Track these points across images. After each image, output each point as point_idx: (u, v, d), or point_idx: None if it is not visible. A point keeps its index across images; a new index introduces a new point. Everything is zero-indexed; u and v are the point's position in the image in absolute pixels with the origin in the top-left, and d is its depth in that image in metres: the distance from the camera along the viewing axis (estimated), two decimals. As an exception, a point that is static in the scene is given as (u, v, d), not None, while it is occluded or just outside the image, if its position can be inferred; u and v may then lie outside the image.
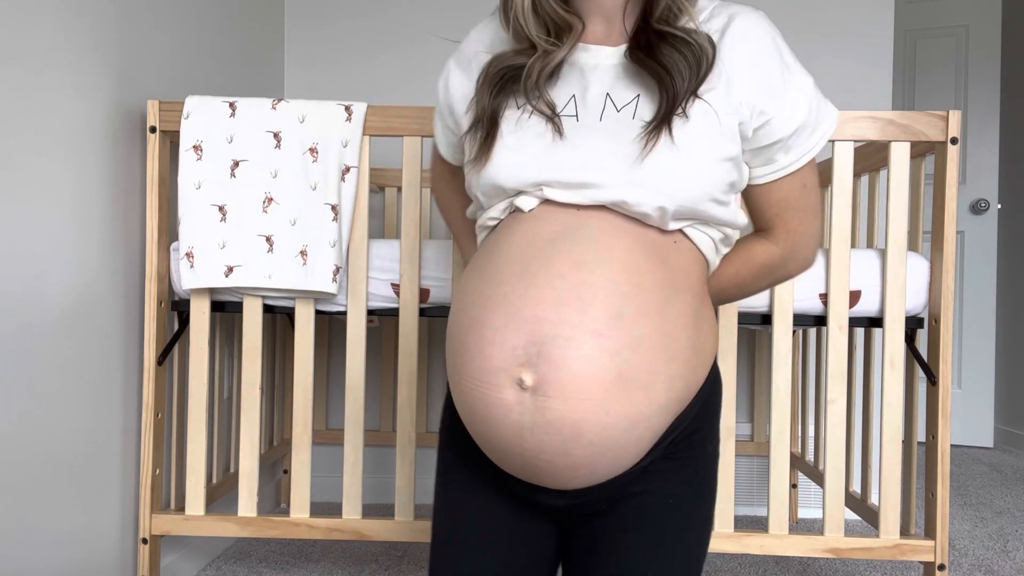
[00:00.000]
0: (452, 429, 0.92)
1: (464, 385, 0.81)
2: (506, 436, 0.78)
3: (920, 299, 1.51)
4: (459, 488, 0.92)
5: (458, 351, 0.82)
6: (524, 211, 0.84)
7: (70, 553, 1.40)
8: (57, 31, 1.34)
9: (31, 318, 1.29)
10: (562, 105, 0.87)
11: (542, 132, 0.85)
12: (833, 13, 2.36)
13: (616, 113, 0.84)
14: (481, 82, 0.90)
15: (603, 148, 0.82)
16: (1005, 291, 3.55)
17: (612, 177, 0.81)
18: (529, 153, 0.85)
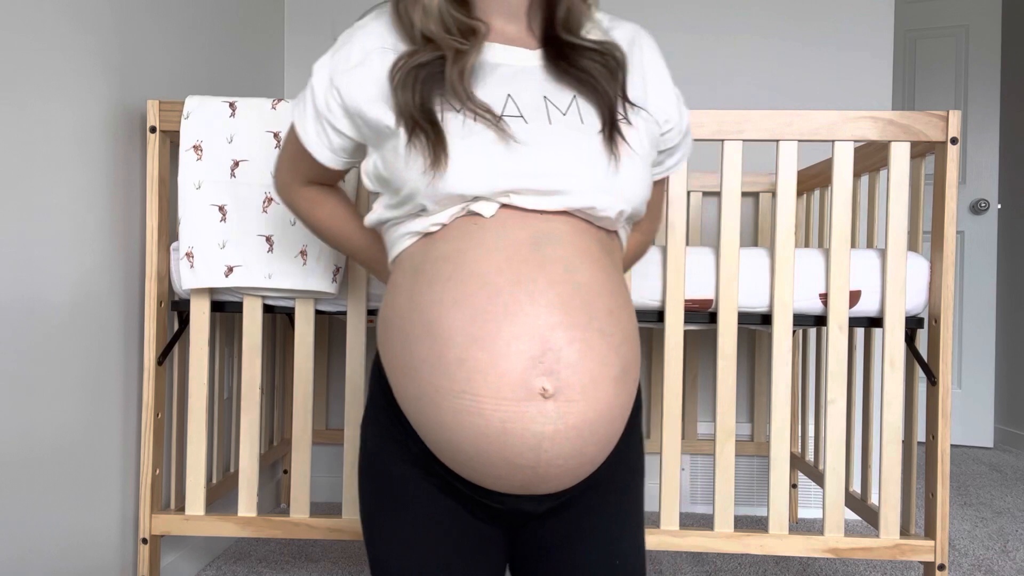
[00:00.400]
0: (403, 444, 0.86)
1: (462, 404, 0.76)
2: (520, 450, 0.76)
3: (920, 299, 1.51)
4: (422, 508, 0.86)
5: (454, 369, 0.76)
6: (484, 216, 0.81)
7: (70, 553, 1.40)
8: (57, 32, 1.34)
9: (31, 318, 1.29)
10: (500, 106, 0.84)
11: (493, 136, 0.82)
12: (833, 13, 2.36)
13: (563, 117, 0.86)
14: (396, 83, 0.85)
15: (569, 154, 0.83)
16: (1005, 291, 3.55)
17: (584, 184, 0.83)
18: (492, 159, 0.81)
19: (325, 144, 0.96)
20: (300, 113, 0.97)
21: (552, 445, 0.76)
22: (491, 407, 0.75)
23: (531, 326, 0.76)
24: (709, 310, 1.53)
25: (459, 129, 0.82)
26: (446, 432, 0.78)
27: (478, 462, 0.78)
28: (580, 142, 0.84)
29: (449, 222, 0.83)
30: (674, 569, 1.92)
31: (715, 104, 2.37)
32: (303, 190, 1.07)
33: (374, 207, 0.93)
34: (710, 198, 2.38)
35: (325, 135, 0.96)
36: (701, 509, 2.43)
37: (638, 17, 2.41)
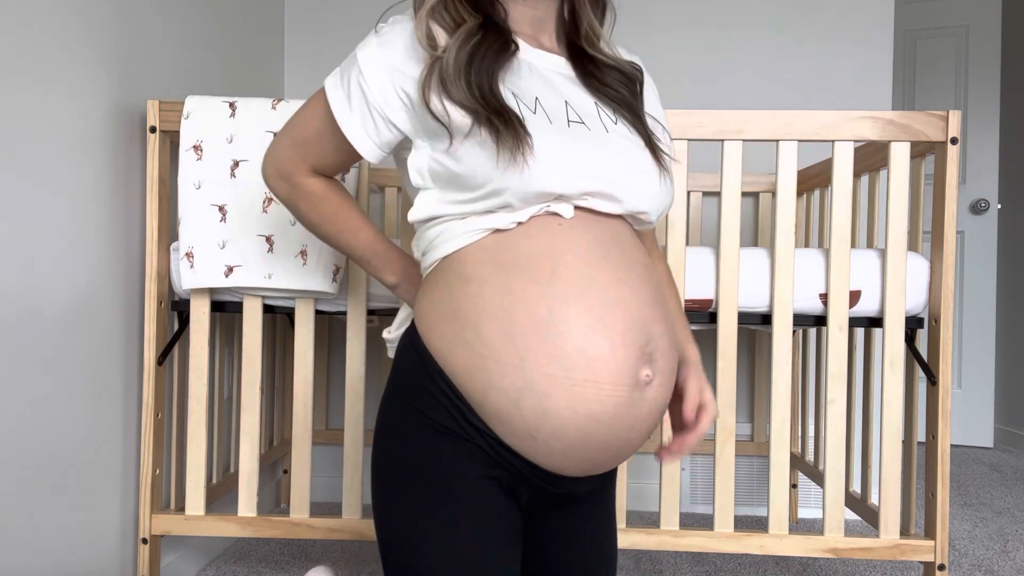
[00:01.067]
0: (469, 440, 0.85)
1: (581, 392, 0.79)
2: (619, 432, 0.83)
3: (920, 299, 1.51)
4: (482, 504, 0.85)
5: (574, 359, 0.79)
6: (564, 216, 0.85)
7: (70, 553, 1.40)
8: (57, 32, 1.34)
9: (31, 318, 1.29)
10: (563, 111, 0.87)
11: (571, 138, 0.85)
12: (833, 13, 2.36)
13: (614, 126, 0.91)
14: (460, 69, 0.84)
15: (631, 162, 0.89)
16: (1005, 291, 3.55)
17: (642, 191, 0.89)
18: (576, 158, 0.84)
19: (372, 137, 0.92)
20: (342, 99, 0.91)
21: (643, 426, 0.85)
22: (608, 393, 0.80)
23: (638, 319, 0.83)
24: (709, 310, 1.53)
25: (544, 126, 0.84)
26: (551, 420, 0.80)
27: (578, 447, 0.82)
28: (635, 152, 0.90)
29: (527, 220, 0.85)
30: (674, 569, 1.92)
31: (715, 104, 2.37)
32: (308, 180, 1.00)
33: (421, 202, 0.90)
34: (710, 198, 2.38)
35: (375, 127, 0.91)
36: (701, 509, 2.43)
37: (639, 17, 2.41)
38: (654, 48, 2.41)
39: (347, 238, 1.03)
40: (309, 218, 1.03)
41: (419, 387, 0.87)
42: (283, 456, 2.32)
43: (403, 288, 1.03)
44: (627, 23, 2.42)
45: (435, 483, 0.85)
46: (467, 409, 0.83)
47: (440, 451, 0.85)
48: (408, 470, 0.86)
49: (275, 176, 1.02)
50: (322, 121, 0.95)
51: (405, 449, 0.87)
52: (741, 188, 1.69)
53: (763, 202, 2.33)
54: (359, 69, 0.90)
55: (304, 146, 0.98)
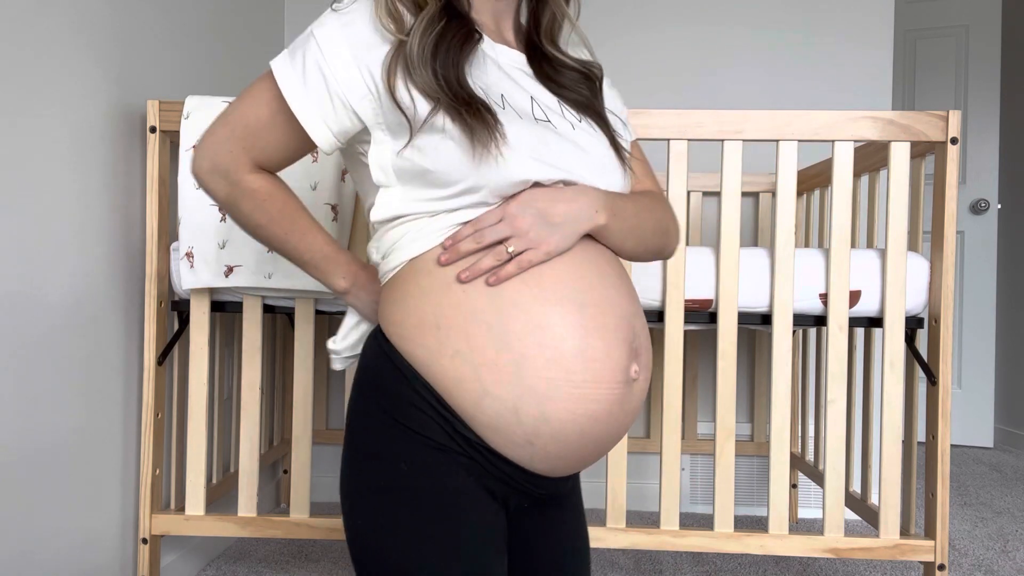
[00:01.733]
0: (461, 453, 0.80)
1: (581, 393, 0.78)
2: (614, 429, 0.82)
3: (920, 299, 1.51)
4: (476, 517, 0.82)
5: (571, 361, 0.77)
6: None
7: (70, 553, 1.40)
8: (57, 32, 1.34)
9: (31, 318, 1.29)
10: (528, 105, 0.84)
11: (540, 129, 0.82)
12: (833, 13, 2.36)
13: (579, 123, 0.88)
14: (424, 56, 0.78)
15: (599, 158, 0.87)
16: (1005, 291, 3.55)
17: (611, 187, 0.88)
18: (548, 148, 0.81)
19: (330, 125, 0.82)
20: (296, 83, 0.82)
21: (629, 421, 0.85)
22: (606, 392, 0.79)
23: (622, 315, 0.82)
24: (709, 310, 1.53)
25: (513, 120, 0.80)
26: (551, 425, 0.78)
27: (576, 447, 0.80)
28: (600, 150, 0.88)
29: None
30: (674, 569, 1.92)
31: (715, 104, 2.37)
32: (251, 176, 0.89)
33: (384, 201, 0.84)
34: (710, 198, 2.38)
35: (334, 115, 0.82)
36: (701, 509, 2.43)
37: (639, 17, 2.41)
38: (653, 48, 2.41)
39: (294, 241, 0.93)
40: (253, 219, 0.91)
41: (403, 402, 0.80)
42: (283, 456, 2.32)
43: (354, 295, 0.95)
44: (627, 23, 2.42)
45: (435, 503, 0.79)
46: (458, 422, 0.79)
47: (437, 469, 0.80)
48: (400, 494, 0.80)
49: (211, 172, 0.89)
50: (269, 108, 0.84)
51: (392, 471, 0.80)
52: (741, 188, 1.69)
53: (763, 202, 2.33)
54: (318, 49, 0.81)
55: (247, 138, 0.86)
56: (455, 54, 0.80)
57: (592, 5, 2.42)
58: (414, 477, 0.80)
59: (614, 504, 1.51)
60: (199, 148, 0.89)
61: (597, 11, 2.42)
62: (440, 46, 0.79)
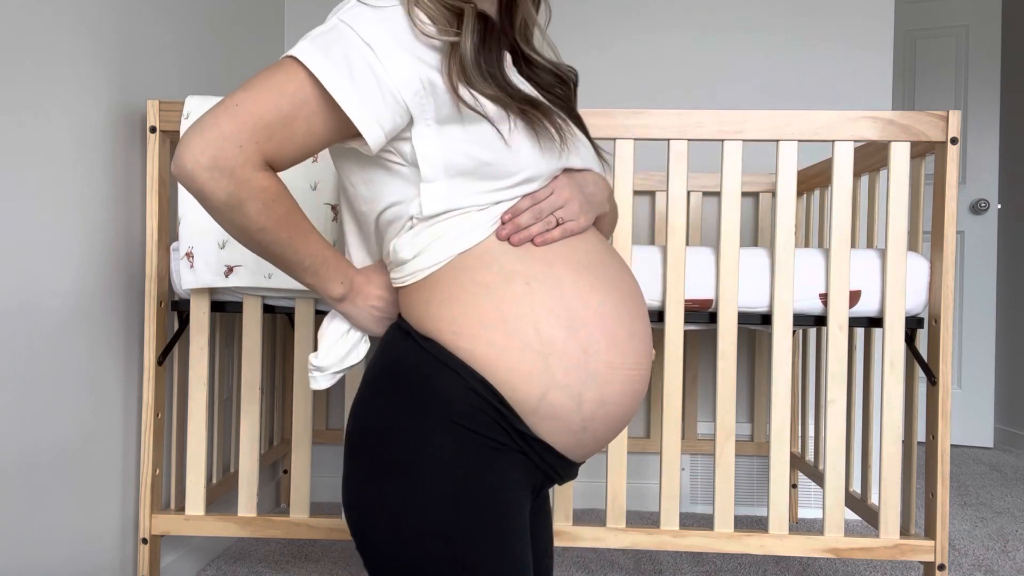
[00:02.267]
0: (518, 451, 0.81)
1: (633, 375, 0.84)
2: (635, 409, 0.88)
3: (920, 299, 1.51)
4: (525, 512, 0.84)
5: (627, 344, 0.84)
6: None
7: (70, 553, 1.40)
8: (57, 32, 1.34)
9: (31, 318, 1.29)
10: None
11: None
12: (833, 13, 2.36)
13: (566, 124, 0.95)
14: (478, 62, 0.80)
15: (590, 152, 0.95)
16: (1005, 291, 3.55)
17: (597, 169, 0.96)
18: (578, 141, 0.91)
19: (383, 125, 0.78)
20: (340, 76, 0.76)
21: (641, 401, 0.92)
22: (644, 372, 0.86)
23: (644, 302, 0.90)
24: (709, 310, 1.53)
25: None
26: (606, 407, 0.83)
27: (616, 429, 0.86)
28: (587, 144, 0.95)
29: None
30: (674, 569, 1.92)
31: (715, 104, 2.37)
32: (259, 174, 0.79)
33: (434, 196, 0.80)
34: (710, 198, 2.38)
35: (386, 111, 0.77)
36: (701, 509, 2.43)
37: (637, 17, 2.41)
38: (653, 48, 2.41)
39: (297, 245, 0.85)
40: (257, 222, 0.81)
41: (460, 403, 0.77)
42: (283, 456, 2.32)
43: (350, 301, 0.90)
44: (627, 24, 2.42)
45: (492, 503, 0.78)
46: (515, 419, 0.79)
47: (496, 467, 0.79)
48: (459, 493, 0.77)
49: (212, 168, 0.76)
50: (299, 102, 0.77)
51: (446, 473, 0.77)
52: (741, 188, 1.69)
53: (763, 202, 2.33)
54: (362, 43, 0.76)
55: (265, 131, 0.77)
56: (497, 52, 0.84)
57: (592, 5, 2.43)
58: (471, 478, 0.77)
59: (614, 504, 1.51)
60: (196, 143, 0.76)
61: (597, 11, 2.42)
62: (486, 44, 0.81)
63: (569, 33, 2.41)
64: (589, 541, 1.50)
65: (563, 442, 0.83)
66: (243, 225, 0.82)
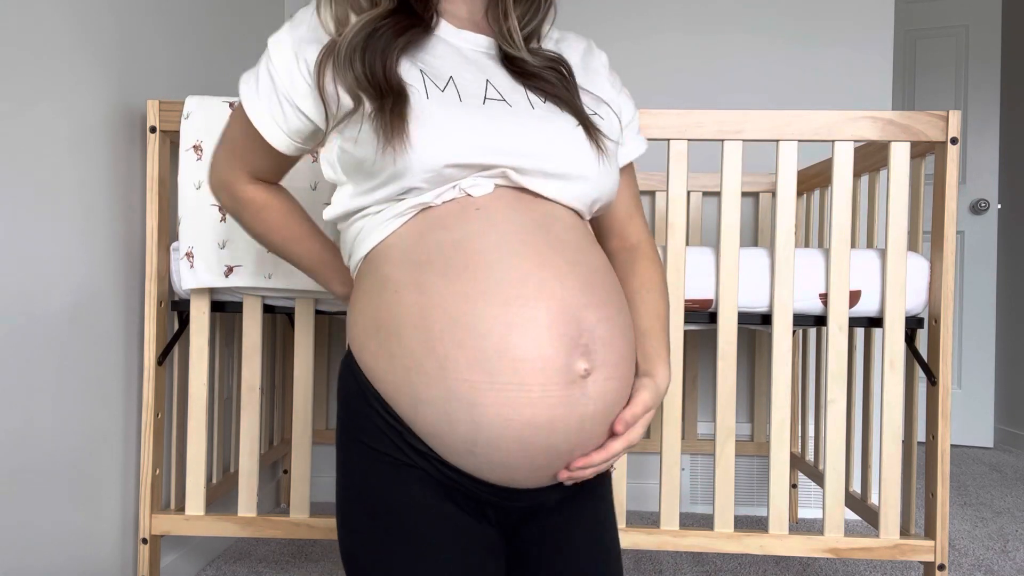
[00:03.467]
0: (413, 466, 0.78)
1: (507, 397, 0.72)
2: (566, 435, 0.75)
3: (920, 299, 1.51)
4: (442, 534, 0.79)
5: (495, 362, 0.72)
6: (476, 196, 0.79)
7: (70, 553, 1.40)
8: (57, 32, 1.34)
9: (31, 318, 1.29)
10: (481, 89, 0.83)
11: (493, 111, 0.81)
12: (833, 13, 2.36)
13: (543, 104, 0.86)
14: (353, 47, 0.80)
15: (562, 140, 0.83)
16: (1005, 291, 3.55)
17: (579, 170, 0.84)
18: (479, 129, 0.79)
19: (280, 125, 0.88)
20: (251, 91, 0.88)
21: (592, 426, 0.76)
22: (539, 394, 0.72)
23: (564, 307, 0.74)
24: (709, 310, 1.53)
25: (451, 103, 0.79)
26: (484, 432, 0.73)
27: (520, 456, 0.74)
28: (567, 129, 0.84)
29: (439, 204, 0.79)
30: (674, 569, 1.92)
31: (715, 104, 2.37)
32: (247, 188, 0.96)
33: (337, 199, 0.86)
34: (710, 198, 2.38)
35: (283, 115, 0.87)
36: (701, 509, 2.43)
37: (637, 17, 2.41)
38: (653, 48, 2.41)
39: (292, 247, 0.98)
40: (252, 229, 0.99)
41: (360, 415, 0.80)
42: (283, 456, 2.32)
43: None
44: (627, 23, 2.42)
45: (392, 521, 0.78)
46: (406, 431, 0.77)
47: (390, 483, 0.78)
48: (363, 508, 0.80)
49: (217, 187, 0.98)
50: (242, 121, 0.90)
51: (355, 486, 0.81)
52: (741, 188, 1.69)
53: (763, 202, 2.33)
54: (268, 56, 0.87)
55: (235, 152, 0.93)
56: (385, 43, 0.81)
57: (593, 5, 2.43)
58: (369, 492, 0.80)
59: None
60: (209, 165, 0.98)
61: (598, 11, 2.42)
62: (372, 37, 0.81)
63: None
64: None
65: (460, 463, 0.76)
66: (247, 230, 1.00)
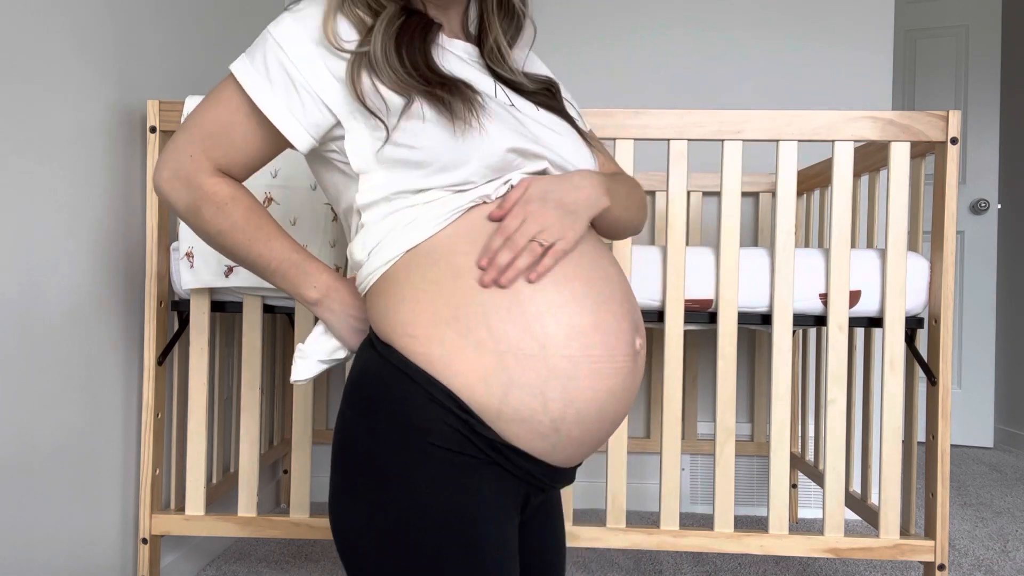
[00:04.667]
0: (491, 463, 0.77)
1: (601, 368, 0.78)
2: (626, 405, 0.83)
3: (920, 299, 1.51)
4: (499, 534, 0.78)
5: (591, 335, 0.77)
6: None
7: (70, 553, 1.40)
8: (57, 32, 1.34)
9: (31, 318, 1.29)
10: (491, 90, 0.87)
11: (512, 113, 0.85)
12: (833, 13, 2.36)
13: (537, 112, 0.89)
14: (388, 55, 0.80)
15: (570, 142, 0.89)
16: (1005, 291, 3.55)
17: (589, 164, 0.91)
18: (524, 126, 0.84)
19: (300, 120, 0.82)
20: (261, 82, 0.82)
21: (633, 398, 0.84)
22: (620, 366, 0.80)
23: (623, 289, 0.84)
24: (709, 310, 1.53)
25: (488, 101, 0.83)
26: (575, 405, 0.77)
27: (596, 428, 0.80)
28: (569, 129, 0.90)
29: (493, 195, 0.81)
30: (674, 569, 1.92)
31: (715, 104, 2.37)
32: (212, 180, 0.87)
33: (371, 185, 0.82)
34: (710, 198, 2.38)
35: (302, 108, 0.82)
36: (701, 509, 2.43)
37: (637, 17, 2.41)
38: (653, 48, 2.41)
39: (259, 247, 0.88)
40: (214, 225, 0.87)
41: (419, 413, 0.75)
42: (283, 456, 2.32)
43: (326, 307, 0.89)
44: (627, 24, 2.42)
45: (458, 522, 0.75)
46: (478, 423, 0.75)
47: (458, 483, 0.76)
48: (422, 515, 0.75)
49: (172, 179, 0.87)
50: (233, 110, 0.84)
51: (412, 490, 0.75)
52: (741, 188, 1.69)
53: (763, 202, 2.33)
54: (278, 47, 0.83)
55: (208, 140, 0.86)
56: (419, 42, 0.82)
57: (592, 6, 2.43)
58: (434, 498, 0.75)
59: (614, 504, 1.51)
60: (161, 159, 0.88)
61: (597, 11, 2.42)
62: (403, 38, 0.82)
63: (569, 33, 2.41)
64: (589, 541, 1.50)
65: (537, 447, 0.78)
66: (204, 229, 0.89)
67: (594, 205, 0.84)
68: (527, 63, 0.99)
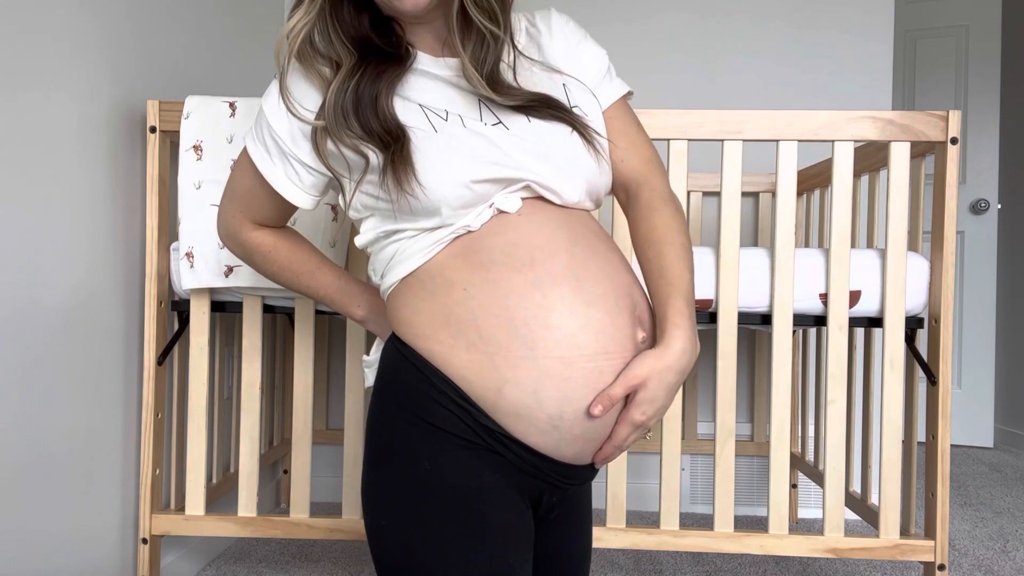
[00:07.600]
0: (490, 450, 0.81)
1: (596, 367, 0.79)
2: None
3: (920, 299, 1.51)
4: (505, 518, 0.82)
5: (582, 336, 0.79)
6: (511, 212, 0.84)
7: (70, 553, 1.40)
8: (57, 32, 1.34)
9: (31, 318, 1.29)
10: (476, 112, 0.87)
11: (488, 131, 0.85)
12: (833, 13, 2.36)
13: (528, 123, 0.88)
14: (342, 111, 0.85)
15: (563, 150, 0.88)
16: (1005, 291, 3.55)
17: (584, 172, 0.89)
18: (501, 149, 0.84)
19: (297, 184, 0.93)
20: (263, 153, 0.92)
21: None
22: (619, 363, 0.81)
23: (621, 285, 0.85)
24: (709, 310, 1.53)
25: (456, 132, 0.84)
26: (572, 404, 0.79)
27: (601, 423, 0.81)
28: (564, 136, 0.88)
29: (479, 227, 0.83)
30: (674, 569, 1.92)
31: (715, 104, 2.37)
32: (254, 235, 1.01)
33: (366, 228, 0.90)
34: (710, 198, 2.38)
35: (296, 174, 0.92)
36: (701, 509, 2.43)
37: (636, 17, 2.41)
38: (653, 48, 2.41)
39: (306, 281, 1.02)
40: (265, 270, 1.03)
41: (424, 398, 0.81)
42: (283, 456, 2.32)
43: (372, 321, 1.01)
44: (627, 24, 2.42)
45: (458, 501, 0.80)
46: (479, 413, 0.80)
47: (460, 466, 0.80)
48: (422, 492, 0.80)
49: (226, 237, 1.03)
50: (251, 178, 0.95)
51: (414, 469, 0.81)
52: (741, 188, 1.69)
53: (763, 202, 2.33)
54: (266, 120, 0.91)
55: (242, 203, 0.98)
56: (370, 95, 0.85)
57: (592, 7, 2.43)
58: (436, 474, 0.80)
59: (614, 504, 1.51)
60: (217, 218, 1.04)
61: (597, 13, 2.42)
62: (355, 94, 0.85)
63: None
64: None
65: (540, 442, 0.80)
66: (262, 272, 1.05)
67: (691, 365, 0.86)
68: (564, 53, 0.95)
